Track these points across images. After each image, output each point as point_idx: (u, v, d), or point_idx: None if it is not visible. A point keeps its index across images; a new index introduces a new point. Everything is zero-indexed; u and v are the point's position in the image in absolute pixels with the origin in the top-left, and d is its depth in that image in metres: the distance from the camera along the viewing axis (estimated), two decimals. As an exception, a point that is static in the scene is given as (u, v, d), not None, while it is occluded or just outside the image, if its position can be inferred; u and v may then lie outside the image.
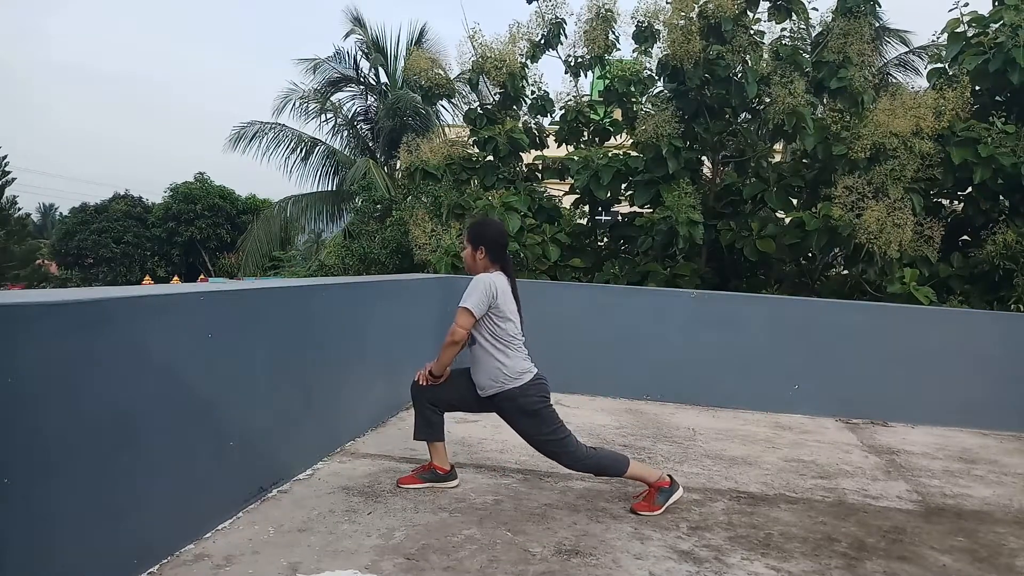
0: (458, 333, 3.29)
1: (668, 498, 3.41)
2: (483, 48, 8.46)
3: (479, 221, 3.83)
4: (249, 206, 29.69)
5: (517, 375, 3.34)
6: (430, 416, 3.59)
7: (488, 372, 3.36)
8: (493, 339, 3.35)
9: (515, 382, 3.33)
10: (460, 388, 3.50)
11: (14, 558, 1.97)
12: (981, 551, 3.21)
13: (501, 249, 3.48)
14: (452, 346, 3.33)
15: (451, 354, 3.37)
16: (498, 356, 3.34)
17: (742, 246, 7.67)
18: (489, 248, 3.43)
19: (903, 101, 7.07)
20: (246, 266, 17.39)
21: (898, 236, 6.58)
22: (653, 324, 6.10)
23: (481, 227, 3.53)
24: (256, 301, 3.23)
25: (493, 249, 3.43)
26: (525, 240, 7.79)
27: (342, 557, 2.72)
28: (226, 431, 2.96)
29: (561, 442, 3.36)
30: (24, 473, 1.98)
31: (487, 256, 3.43)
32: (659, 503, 3.38)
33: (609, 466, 3.41)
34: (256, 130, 16.53)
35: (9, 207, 30.91)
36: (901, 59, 13.25)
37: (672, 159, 7.51)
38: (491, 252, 3.43)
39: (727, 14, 7.46)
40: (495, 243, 3.44)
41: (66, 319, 2.13)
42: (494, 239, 3.45)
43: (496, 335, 3.34)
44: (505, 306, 3.36)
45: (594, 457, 3.40)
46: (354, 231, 10.93)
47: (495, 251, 3.44)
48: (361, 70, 17.53)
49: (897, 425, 5.71)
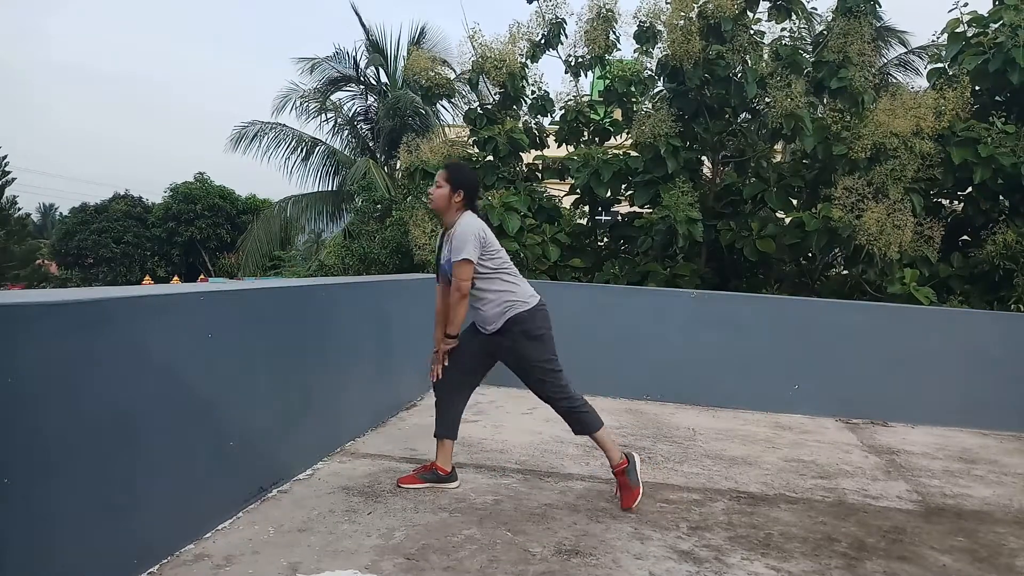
0: (464, 286, 3.33)
1: (636, 471, 3.50)
2: (483, 48, 8.46)
3: (456, 164, 3.94)
4: (249, 206, 29.71)
5: (527, 297, 3.44)
6: (451, 410, 3.62)
7: (497, 303, 3.41)
8: (495, 272, 3.41)
9: (526, 304, 3.41)
10: (466, 355, 3.54)
11: (14, 558, 1.97)
12: (981, 551, 3.21)
13: (475, 193, 3.53)
14: (463, 300, 3.36)
15: (464, 309, 3.40)
16: (506, 284, 3.42)
17: (742, 246, 7.67)
18: (467, 192, 3.46)
19: (903, 101, 7.06)
20: (246, 266, 17.40)
21: (898, 237, 6.58)
22: (653, 324, 6.10)
23: (460, 170, 3.58)
24: (256, 301, 3.23)
25: (470, 193, 3.48)
26: (525, 240, 7.79)
27: (342, 557, 2.72)
28: (226, 431, 2.96)
29: (555, 372, 3.46)
30: (24, 473, 1.98)
31: (463, 199, 3.46)
32: (634, 482, 3.46)
33: (585, 418, 3.49)
34: (257, 130, 16.54)
35: (9, 207, 30.92)
36: (901, 59, 13.25)
37: (671, 158, 7.51)
38: (467, 197, 3.47)
39: (727, 14, 7.46)
40: (472, 187, 3.49)
41: (66, 319, 2.13)
42: (472, 184, 3.50)
43: (497, 267, 3.41)
44: (495, 241, 3.43)
45: (578, 400, 3.48)
46: (354, 231, 10.94)
47: (471, 195, 3.49)
48: (361, 69, 17.53)
49: (897, 425, 5.71)
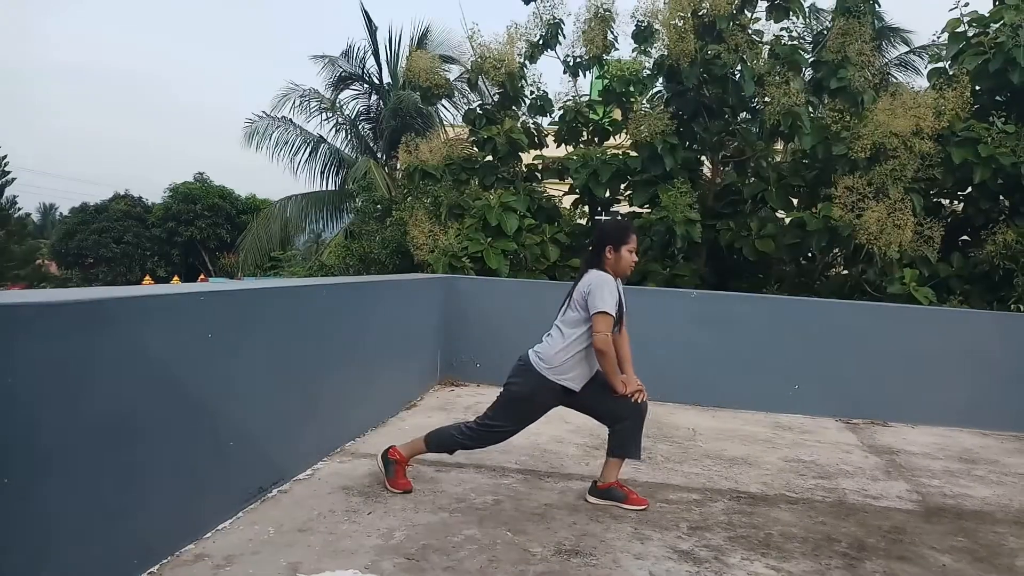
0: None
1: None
2: (482, 48, 8.47)
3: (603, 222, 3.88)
4: (249, 206, 29.70)
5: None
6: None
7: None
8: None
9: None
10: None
11: (14, 558, 1.97)
12: (981, 551, 3.21)
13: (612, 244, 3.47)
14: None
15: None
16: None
17: (741, 246, 7.68)
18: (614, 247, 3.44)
19: (903, 101, 7.06)
20: (246, 266, 17.38)
21: (898, 236, 6.58)
22: (653, 324, 6.09)
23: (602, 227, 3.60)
24: (256, 301, 3.23)
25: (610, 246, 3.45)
26: (524, 240, 7.79)
27: (342, 557, 2.72)
28: (226, 431, 2.96)
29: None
30: (24, 473, 1.98)
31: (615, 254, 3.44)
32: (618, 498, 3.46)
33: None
34: (267, 124, 16.49)
35: (9, 207, 30.87)
36: (902, 59, 13.24)
37: (668, 156, 7.51)
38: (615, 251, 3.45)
39: (722, 13, 7.46)
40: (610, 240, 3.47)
41: (66, 319, 2.13)
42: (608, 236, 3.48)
43: None
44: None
45: None
46: (355, 231, 10.93)
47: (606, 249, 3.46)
48: (367, 69, 17.52)
49: (897, 425, 5.71)
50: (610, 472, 3.48)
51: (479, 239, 7.55)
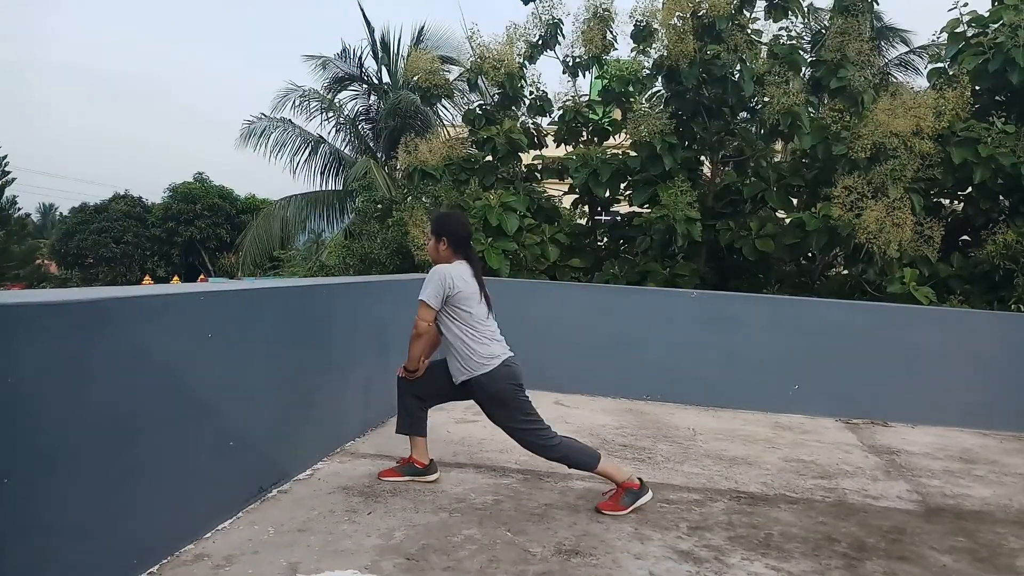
0: (419, 325, 3.40)
1: (635, 500, 3.39)
2: (481, 48, 8.46)
3: (440, 214, 4.03)
4: (248, 206, 29.70)
5: (486, 360, 3.40)
6: (413, 410, 3.68)
7: (458, 359, 3.45)
8: (458, 326, 3.42)
9: (483, 368, 3.39)
10: (439, 379, 3.58)
11: (14, 558, 1.97)
12: (981, 551, 3.21)
13: (462, 240, 3.54)
14: (416, 339, 3.45)
15: (417, 347, 3.50)
16: (467, 342, 3.41)
17: (741, 246, 7.67)
18: (451, 239, 3.50)
19: (903, 101, 7.06)
20: (245, 266, 17.37)
21: (898, 236, 6.58)
22: (653, 324, 6.10)
23: (442, 219, 3.65)
24: (256, 301, 3.23)
25: (454, 240, 3.51)
26: (524, 240, 7.79)
27: (342, 557, 2.72)
28: (226, 431, 2.96)
29: (529, 431, 3.43)
30: (24, 473, 1.98)
31: (449, 247, 3.50)
32: (625, 503, 3.38)
33: (579, 459, 3.45)
34: (265, 126, 16.48)
35: (9, 207, 30.86)
36: (902, 58, 13.24)
37: (667, 155, 7.50)
38: (453, 243, 3.50)
39: (720, 13, 7.46)
40: (455, 234, 3.52)
41: (66, 319, 2.13)
42: (454, 230, 3.54)
43: (463, 321, 3.41)
44: (467, 293, 3.41)
45: (566, 447, 3.45)
46: (355, 231, 10.92)
47: (456, 242, 3.51)
48: (365, 69, 17.50)
49: (897, 425, 5.71)
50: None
51: (479, 239, 7.55)
